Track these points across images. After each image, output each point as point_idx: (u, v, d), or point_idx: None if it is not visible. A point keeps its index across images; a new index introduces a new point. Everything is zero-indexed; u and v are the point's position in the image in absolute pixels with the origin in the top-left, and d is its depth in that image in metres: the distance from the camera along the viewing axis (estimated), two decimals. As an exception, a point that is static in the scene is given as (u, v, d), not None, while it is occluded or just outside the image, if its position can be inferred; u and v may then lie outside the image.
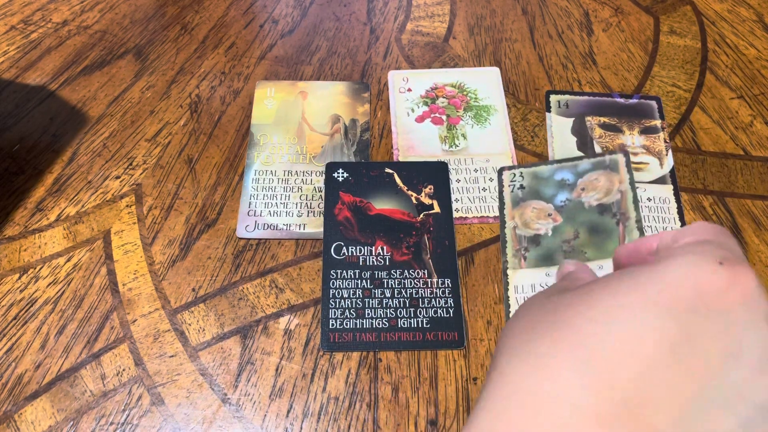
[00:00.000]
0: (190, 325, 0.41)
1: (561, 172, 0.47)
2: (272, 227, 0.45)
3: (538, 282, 0.42)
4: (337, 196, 0.46)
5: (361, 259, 0.43)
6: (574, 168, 0.46)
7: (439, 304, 0.41)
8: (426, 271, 0.43)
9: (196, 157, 0.50)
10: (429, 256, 0.43)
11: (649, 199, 0.47)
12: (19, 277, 0.43)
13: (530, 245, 0.44)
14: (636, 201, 0.44)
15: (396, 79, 0.55)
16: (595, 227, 0.44)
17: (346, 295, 0.42)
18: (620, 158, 0.46)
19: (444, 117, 0.52)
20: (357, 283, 0.42)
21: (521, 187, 0.47)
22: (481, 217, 0.46)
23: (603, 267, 0.42)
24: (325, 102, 0.53)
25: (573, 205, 0.45)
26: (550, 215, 0.45)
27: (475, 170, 0.48)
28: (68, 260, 0.43)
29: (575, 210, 0.45)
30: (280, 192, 0.47)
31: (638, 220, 0.43)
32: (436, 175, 0.48)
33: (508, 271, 0.43)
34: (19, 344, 0.40)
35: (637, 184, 0.47)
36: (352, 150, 0.50)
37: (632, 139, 0.50)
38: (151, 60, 0.57)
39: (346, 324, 0.40)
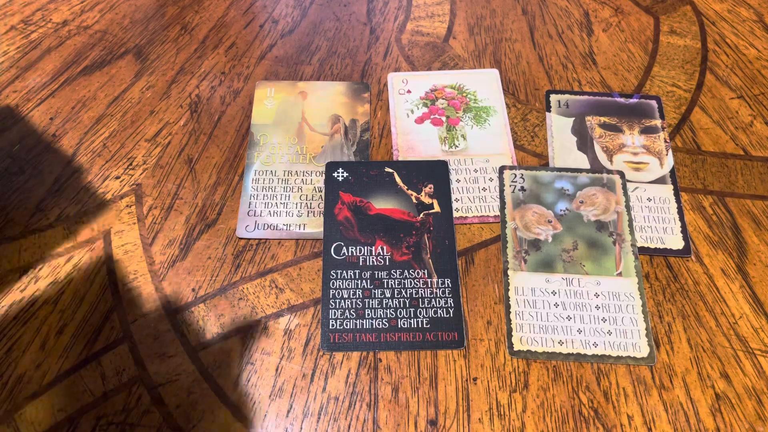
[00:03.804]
0: (190, 325, 0.41)
1: (561, 180, 0.47)
2: (272, 227, 0.45)
3: (538, 286, 0.42)
4: (337, 195, 0.46)
5: (361, 259, 0.43)
6: (574, 179, 0.47)
7: (439, 304, 0.41)
8: (426, 271, 0.43)
9: (196, 157, 0.50)
10: (429, 255, 0.43)
11: (649, 199, 0.47)
12: (19, 277, 0.43)
13: (531, 249, 0.44)
14: (631, 224, 0.44)
15: (395, 81, 0.55)
16: (593, 242, 0.44)
17: (346, 296, 0.42)
18: (617, 179, 0.47)
19: (443, 118, 0.52)
20: (357, 284, 0.42)
21: (522, 189, 0.47)
22: (481, 216, 0.46)
23: (600, 283, 0.42)
24: (325, 102, 0.53)
25: (572, 216, 0.45)
26: (550, 222, 0.45)
27: (475, 170, 0.48)
28: (68, 260, 0.43)
29: (575, 221, 0.45)
30: (280, 192, 0.47)
31: (633, 244, 0.43)
32: (436, 174, 0.48)
33: (509, 272, 0.43)
34: (19, 344, 0.40)
35: (637, 184, 0.47)
36: (352, 150, 0.50)
37: (632, 138, 0.50)
38: (151, 60, 0.57)
39: (346, 324, 0.40)
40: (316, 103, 0.53)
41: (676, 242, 0.44)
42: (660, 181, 0.48)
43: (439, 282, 0.42)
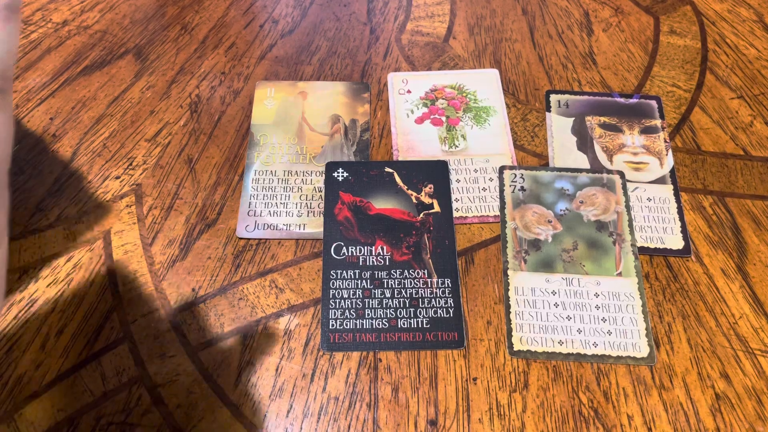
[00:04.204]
0: (190, 325, 0.41)
1: (561, 180, 0.47)
2: (272, 227, 0.45)
3: (538, 286, 0.42)
4: (337, 195, 0.46)
5: (361, 259, 0.43)
6: (574, 179, 0.47)
7: (439, 304, 0.41)
8: (426, 271, 0.43)
9: (196, 157, 0.50)
10: (429, 255, 0.43)
11: (649, 199, 0.47)
12: (19, 277, 0.43)
13: (531, 249, 0.44)
14: (631, 224, 0.44)
15: (395, 80, 0.55)
16: (593, 242, 0.44)
17: (346, 296, 0.42)
18: (617, 179, 0.47)
19: (443, 118, 0.52)
20: (357, 283, 0.42)
21: (522, 188, 0.47)
22: (481, 216, 0.46)
23: (600, 283, 0.42)
24: (325, 102, 0.53)
25: (572, 216, 0.45)
26: (550, 222, 0.45)
27: (475, 170, 0.48)
28: (68, 260, 0.43)
29: (575, 221, 0.45)
30: (280, 192, 0.47)
31: (633, 244, 0.43)
32: (436, 174, 0.48)
33: (509, 272, 0.43)
34: (19, 344, 0.40)
35: (636, 184, 0.47)
36: (352, 150, 0.50)
37: (632, 138, 0.50)
38: (151, 60, 0.57)
39: (346, 324, 0.40)
40: (316, 103, 0.53)
41: (676, 242, 0.44)
42: (660, 181, 0.48)
43: (439, 282, 0.42)
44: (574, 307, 0.41)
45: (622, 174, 0.47)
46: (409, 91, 0.54)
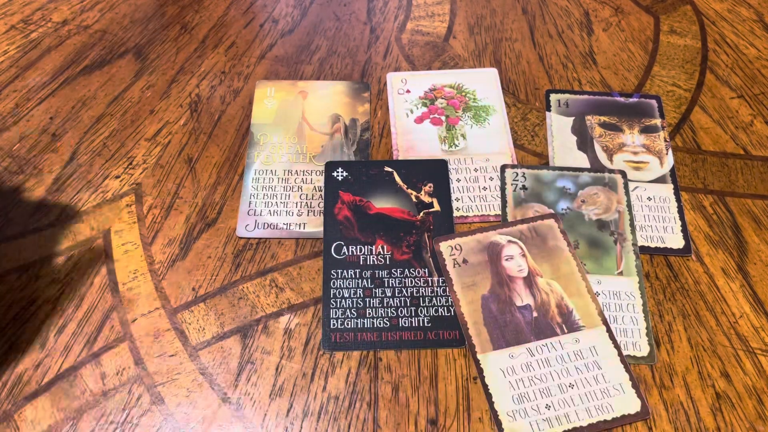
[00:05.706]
0: (190, 324, 0.41)
1: (563, 179, 0.47)
2: (272, 226, 0.45)
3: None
4: (336, 195, 0.46)
5: (361, 259, 0.43)
6: (575, 178, 0.47)
7: (440, 302, 0.41)
8: (426, 270, 0.43)
9: (196, 156, 0.50)
10: (429, 254, 0.43)
11: (649, 199, 0.47)
12: (19, 277, 0.43)
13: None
14: (633, 224, 0.44)
15: (394, 80, 0.55)
16: (594, 241, 0.44)
17: (346, 295, 0.42)
18: (618, 178, 0.47)
19: (443, 117, 0.52)
20: (357, 283, 0.42)
21: (524, 188, 0.47)
22: (482, 215, 0.46)
23: (601, 282, 0.42)
24: (325, 101, 0.53)
25: (574, 215, 0.45)
26: None
27: (475, 169, 0.48)
28: (68, 260, 0.43)
29: (576, 220, 0.45)
30: (280, 191, 0.47)
31: (634, 244, 0.43)
32: (435, 173, 0.48)
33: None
34: (19, 344, 0.40)
35: (637, 183, 0.47)
36: (352, 150, 0.50)
37: (632, 138, 0.50)
38: (151, 59, 0.57)
39: (347, 324, 0.40)
40: (316, 103, 0.53)
41: (677, 241, 0.44)
42: (660, 180, 0.48)
43: (440, 281, 0.42)
44: (574, 307, 0.41)
45: (623, 173, 0.47)
46: (408, 91, 0.54)
